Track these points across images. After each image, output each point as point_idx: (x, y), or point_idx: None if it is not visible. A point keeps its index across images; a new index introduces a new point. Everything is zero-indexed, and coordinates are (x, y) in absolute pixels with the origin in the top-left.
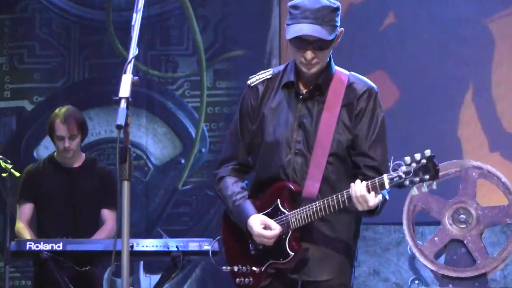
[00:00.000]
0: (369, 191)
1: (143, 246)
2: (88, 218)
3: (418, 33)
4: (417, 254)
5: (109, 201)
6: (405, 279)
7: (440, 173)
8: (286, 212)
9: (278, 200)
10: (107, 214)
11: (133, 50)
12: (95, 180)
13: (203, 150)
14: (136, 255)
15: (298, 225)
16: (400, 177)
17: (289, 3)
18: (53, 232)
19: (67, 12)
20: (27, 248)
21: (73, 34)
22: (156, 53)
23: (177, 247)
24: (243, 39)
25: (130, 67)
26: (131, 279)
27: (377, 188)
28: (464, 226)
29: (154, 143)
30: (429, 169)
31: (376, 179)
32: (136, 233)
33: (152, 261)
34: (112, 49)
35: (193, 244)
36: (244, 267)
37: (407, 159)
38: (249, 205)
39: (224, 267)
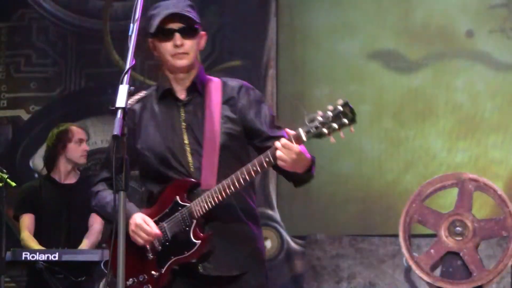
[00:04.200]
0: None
1: None
2: (83, 232)
3: None
4: (413, 266)
5: None
6: None
7: (436, 185)
8: (188, 204)
9: (177, 197)
10: (93, 217)
11: (130, 61)
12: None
13: None
14: None
15: (203, 211)
16: (317, 127)
17: (147, 14)
18: (49, 246)
19: (63, 21)
20: (23, 258)
21: (70, 43)
22: (154, 62)
23: None
24: (240, 50)
25: (126, 78)
26: None
27: (293, 142)
28: (460, 238)
29: None
30: (347, 113)
31: (291, 134)
32: None
33: None
34: (108, 58)
35: None
36: (140, 276)
37: (320, 111)
38: (130, 206)
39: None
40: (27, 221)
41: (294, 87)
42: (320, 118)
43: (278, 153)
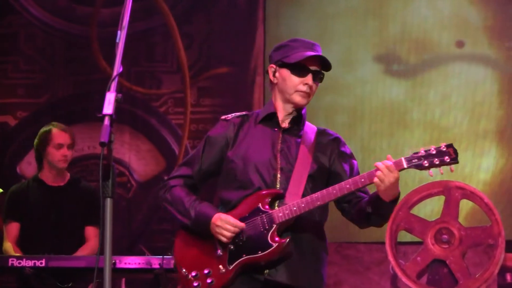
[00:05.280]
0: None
1: (125, 263)
2: (72, 236)
3: None
4: (399, 274)
5: (92, 218)
6: None
7: (423, 193)
8: (269, 211)
9: (260, 204)
10: (90, 232)
11: (117, 68)
12: (79, 198)
13: None
14: (118, 272)
15: (285, 218)
16: (419, 158)
17: (282, 43)
18: (37, 249)
19: (51, 27)
20: (10, 264)
21: (57, 49)
22: (140, 69)
23: (159, 264)
24: (228, 57)
25: (114, 85)
26: None
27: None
28: (447, 246)
29: (137, 159)
30: (450, 153)
31: (393, 161)
32: (119, 250)
33: (135, 278)
34: (96, 65)
35: None
36: (205, 270)
37: (424, 147)
38: (209, 205)
39: (183, 270)
40: (10, 230)
41: None
42: (423, 152)
43: (378, 172)
